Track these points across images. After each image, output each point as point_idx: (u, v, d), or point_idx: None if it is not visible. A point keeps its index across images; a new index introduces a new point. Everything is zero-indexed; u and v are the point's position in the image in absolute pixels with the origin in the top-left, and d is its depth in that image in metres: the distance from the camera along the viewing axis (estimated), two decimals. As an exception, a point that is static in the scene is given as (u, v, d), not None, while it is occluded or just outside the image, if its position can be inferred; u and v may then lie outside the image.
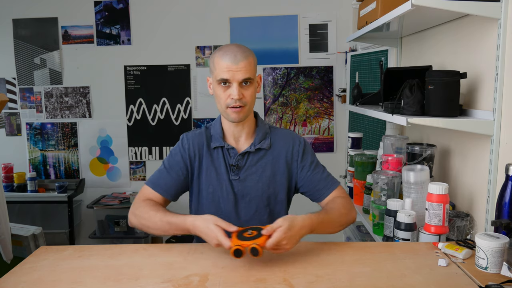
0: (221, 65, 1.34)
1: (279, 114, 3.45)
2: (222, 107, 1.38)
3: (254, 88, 1.39)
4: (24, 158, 3.56)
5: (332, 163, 3.45)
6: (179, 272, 1.13)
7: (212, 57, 1.40)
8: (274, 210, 1.46)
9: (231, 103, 1.35)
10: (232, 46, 1.37)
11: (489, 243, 1.11)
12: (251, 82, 1.37)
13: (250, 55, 1.37)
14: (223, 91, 1.36)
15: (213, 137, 1.46)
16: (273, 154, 1.46)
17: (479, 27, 1.49)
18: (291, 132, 1.54)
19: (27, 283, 1.09)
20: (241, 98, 1.35)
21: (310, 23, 3.34)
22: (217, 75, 1.36)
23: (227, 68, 1.33)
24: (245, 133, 1.46)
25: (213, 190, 1.44)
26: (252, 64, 1.37)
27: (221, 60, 1.34)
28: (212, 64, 1.39)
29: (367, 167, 2.02)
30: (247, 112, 1.39)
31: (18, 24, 3.43)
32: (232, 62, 1.33)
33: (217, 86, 1.37)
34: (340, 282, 1.07)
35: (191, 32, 3.39)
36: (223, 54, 1.35)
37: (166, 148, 3.48)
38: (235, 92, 1.34)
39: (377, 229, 1.72)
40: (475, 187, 1.53)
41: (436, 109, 1.45)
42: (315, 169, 1.47)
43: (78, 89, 3.49)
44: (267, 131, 1.48)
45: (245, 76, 1.34)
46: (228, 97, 1.35)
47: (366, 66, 2.79)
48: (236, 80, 1.34)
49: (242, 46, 1.39)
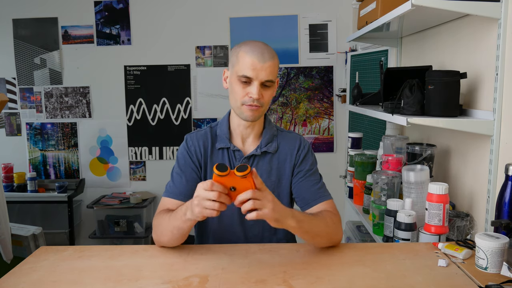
0: (246, 61, 1.27)
1: (279, 114, 3.45)
2: (237, 103, 1.31)
3: (272, 90, 1.34)
4: (24, 158, 3.56)
5: (332, 163, 3.47)
6: (179, 273, 1.13)
7: (236, 50, 1.32)
8: None
9: (248, 102, 1.29)
10: (260, 44, 1.31)
11: (489, 243, 1.11)
12: (271, 85, 1.31)
13: (276, 56, 1.31)
14: (242, 87, 1.29)
15: (219, 137, 1.41)
16: (279, 158, 1.41)
17: (479, 27, 1.49)
18: (298, 136, 1.47)
19: (27, 283, 1.09)
20: (260, 98, 1.29)
21: (310, 23, 3.34)
22: (239, 70, 1.28)
23: (252, 66, 1.26)
24: (253, 134, 1.41)
25: None
26: (276, 66, 1.31)
27: (247, 55, 1.27)
28: (236, 58, 1.31)
29: (367, 167, 2.02)
30: (262, 113, 1.34)
31: (18, 24, 3.43)
32: (259, 60, 1.26)
33: (236, 81, 1.30)
34: (340, 283, 1.07)
35: (191, 32, 3.39)
36: (250, 50, 1.28)
37: (166, 148, 3.48)
38: (255, 91, 1.27)
39: (377, 229, 1.72)
40: (475, 187, 1.53)
41: (436, 109, 1.44)
42: (310, 176, 1.40)
43: (78, 89, 3.49)
44: (274, 133, 1.43)
45: (269, 77, 1.28)
46: (246, 95, 1.29)
47: (366, 66, 2.79)
48: (259, 80, 1.27)
49: (268, 45, 1.33)
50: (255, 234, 1.41)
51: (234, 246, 1.32)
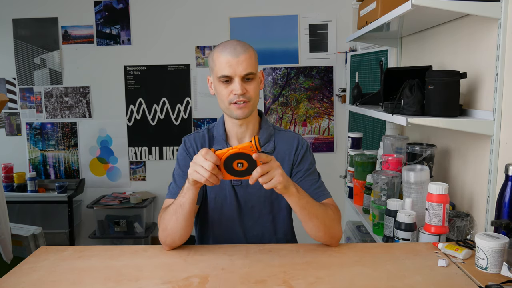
0: (221, 61, 1.28)
1: (279, 114, 3.45)
2: (225, 104, 1.32)
3: (257, 83, 1.33)
4: (24, 158, 3.56)
5: (332, 163, 3.47)
6: (179, 273, 1.13)
7: (211, 55, 1.34)
8: (278, 216, 1.42)
9: (234, 99, 1.29)
10: (232, 41, 1.32)
11: (489, 243, 1.11)
12: (253, 77, 1.30)
13: (250, 48, 1.31)
14: (225, 87, 1.30)
15: (216, 139, 1.41)
16: (277, 158, 1.37)
17: (479, 27, 1.49)
18: (296, 135, 1.46)
19: (27, 283, 1.09)
20: (245, 93, 1.28)
21: (310, 23, 3.34)
22: (218, 71, 1.29)
23: (227, 63, 1.27)
24: (249, 134, 1.40)
25: (215, 195, 1.39)
26: (253, 58, 1.31)
27: (221, 55, 1.28)
28: (212, 62, 1.33)
29: (367, 167, 2.02)
30: (251, 108, 1.33)
31: (18, 24, 3.43)
32: (232, 55, 1.27)
33: (218, 83, 1.31)
34: (340, 283, 1.07)
35: (191, 32, 3.39)
36: (222, 49, 1.29)
37: (166, 148, 3.48)
38: (237, 86, 1.27)
39: (377, 229, 1.72)
40: (475, 187, 1.53)
41: (436, 109, 1.44)
42: (308, 176, 1.39)
43: (78, 89, 3.49)
44: (271, 133, 1.42)
45: (247, 70, 1.28)
46: (231, 93, 1.29)
47: (366, 66, 2.79)
48: (238, 75, 1.27)
49: (241, 41, 1.34)
50: (255, 234, 1.41)
51: (234, 247, 1.32)
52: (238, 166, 1.12)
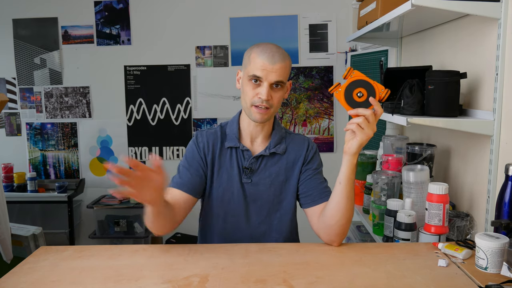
0: (257, 62, 1.30)
1: (279, 114, 3.45)
2: (247, 104, 1.35)
3: (283, 92, 1.36)
4: (24, 158, 3.56)
5: (332, 163, 3.44)
6: (179, 272, 1.13)
7: (248, 52, 1.36)
8: (284, 215, 1.43)
9: (257, 102, 1.32)
10: (272, 46, 1.34)
11: (489, 243, 1.11)
12: (282, 86, 1.33)
13: (288, 58, 1.34)
14: (252, 88, 1.33)
15: (228, 136, 1.43)
16: (288, 159, 1.43)
17: (479, 27, 1.49)
18: (307, 138, 1.50)
19: (27, 283, 1.09)
20: (269, 99, 1.31)
21: (310, 23, 3.34)
22: (250, 70, 1.32)
23: (262, 67, 1.29)
24: (263, 135, 1.43)
25: (223, 191, 1.41)
26: (287, 68, 1.34)
27: (258, 57, 1.31)
28: (247, 59, 1.35)
29: (367, 167, 2.02)
30: (270, 115, 1.36)
31: (18, 24, 3.43)
32: (269, 61, 1.29)
33: (247, 82, 1.34)
34: (340, 283, 1.07)
35: (191, 32, 3.39)
36: (261, 51, 1.31)
37: (166, 148, 3.48)
38: (264, 92, 1.30)
39: (377, 229, 1.72)
40: (475, 187, 1.53)
41: (436, 109, 1.45)
42: (317, 174, 1.43)
43: (78, 89, 3.49)
44: (283, 135, 1.46)
45: (278, 78, 1.31)
46: (256, 95, 1.32)
47: (366, 66, 2.79)
48: (268, 81, 1.30)
49: (280, 47, 1.36)
50: (261, 232, 1.42)
51: (234, 246, 1.32)
52: (357, 96, 1.20)
